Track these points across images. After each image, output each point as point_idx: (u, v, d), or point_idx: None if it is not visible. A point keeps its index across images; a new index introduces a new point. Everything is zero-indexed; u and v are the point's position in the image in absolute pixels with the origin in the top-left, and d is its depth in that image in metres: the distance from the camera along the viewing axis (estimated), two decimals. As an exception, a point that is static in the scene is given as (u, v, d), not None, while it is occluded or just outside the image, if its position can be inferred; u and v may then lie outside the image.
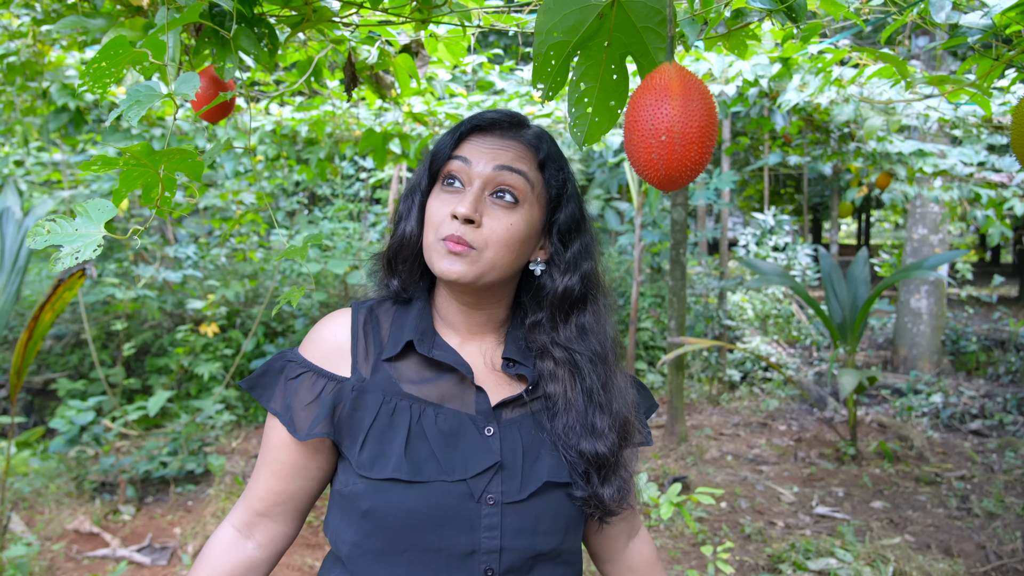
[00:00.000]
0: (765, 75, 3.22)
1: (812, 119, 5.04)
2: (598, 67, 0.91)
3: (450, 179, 1.06)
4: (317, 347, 1.09)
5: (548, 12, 0.87)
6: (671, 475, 4.71)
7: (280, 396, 1.07)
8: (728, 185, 6.72)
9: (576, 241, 1.12)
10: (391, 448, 1.00)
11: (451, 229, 1.02)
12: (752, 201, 15.88)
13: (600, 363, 1.11)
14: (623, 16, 0.88)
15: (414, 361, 1.08)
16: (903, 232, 8.43)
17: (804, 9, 1.35)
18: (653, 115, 0.77)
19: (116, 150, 0.90)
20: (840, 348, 5.69)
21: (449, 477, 0.99)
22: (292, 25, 1.54)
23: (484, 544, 0.99)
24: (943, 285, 7.97)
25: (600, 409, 1.08)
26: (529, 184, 1.06)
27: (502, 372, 1.11)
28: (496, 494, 1.00)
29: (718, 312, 7.98)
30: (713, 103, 0.80)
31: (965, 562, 3.66)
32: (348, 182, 7.29)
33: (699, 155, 0.78)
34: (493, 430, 1.04)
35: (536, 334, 1.12)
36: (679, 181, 0.79)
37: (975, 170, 5.23)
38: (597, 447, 1.05)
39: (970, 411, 6.40)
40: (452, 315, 1.12)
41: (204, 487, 4.54)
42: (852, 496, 4.62)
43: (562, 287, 1.10)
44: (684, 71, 0.80)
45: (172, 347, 5.71)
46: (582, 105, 0.93)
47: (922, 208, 7.80)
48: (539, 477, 1.03)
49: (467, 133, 1.08)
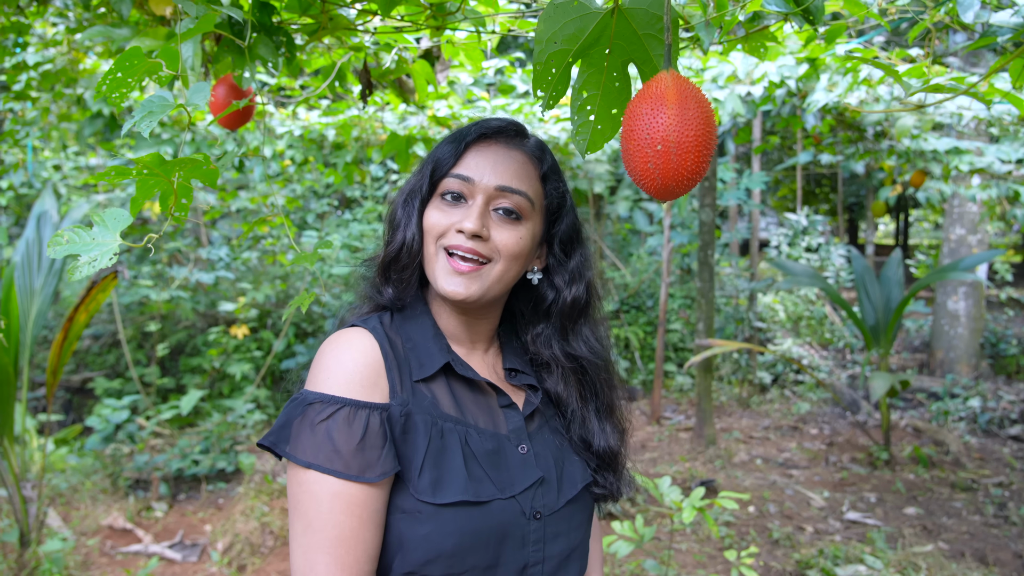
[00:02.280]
0: (792, 76, 3.18)
1: (844, 117, 4.97)
2: (600, 75, 0.92)
3: (453, 195, 1.06)
4: (345, 377, 0.97)
5: (548, 20, 0.88)
6: (698, 478, 4.67)
7: (311, 445, 0.93)
8: (759, 185, 6.65)
9: (577, 251, 1.14)
10: (451, 471, 0.97)
11: (458, 240, 1.02)
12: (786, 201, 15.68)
13: (605, 366, 1.16)
14: (624, 24, 0.88)
15: (442, 381, 1.05)
16: (942, 232, 8.27)
17: (821, 11, 1.33)
18: (649, 124, 0.77)
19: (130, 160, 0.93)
20: (873, 351, 5.59)
21: (503, 495, 0.99)
22: (310, 33, 1.56)
23: (532, 557, 1.01)
24: (981, 287, 7.78)
25: (609, 410, 1.15)
26: (530, 202, 1.07)
27: (507, 383, 1.13)
28: (541, 508, 1.02)
29: (748, 314, 7.89)
30: (711, 111, 0.79)
31: (1001, 571, 3.57)
32: (377, 184, 7.36)
33: (696, 164, 0.78)
34: (527, 448, 1.06)
35: (541, 346, 1.14)
36: (676, 191, 0.79)
37: (1014, 168, 5.11)
38: (609, 444, 1.12)
39: (1009, 416, 6.25)
40: (452, 326, 1.11)
41: (234, 485, 4.62)
42: (884, 502, 4.54)
43: (571, 297, 1.12)
44: (681, 79, 0.80)
45: (205, 347, 5.82)
46: (584, 113, 0.93)
47: (960, 207, 7.63)
48: (574, 484, 1.07)
49: (472, 142, 1.08)
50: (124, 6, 1.70)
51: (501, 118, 1.13)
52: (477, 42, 1.78)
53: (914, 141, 4.72)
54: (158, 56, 1.08)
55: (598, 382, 1.15)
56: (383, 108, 3.59)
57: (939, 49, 4.80)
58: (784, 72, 3.07)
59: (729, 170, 6.97)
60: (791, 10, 1.28)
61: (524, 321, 1.17)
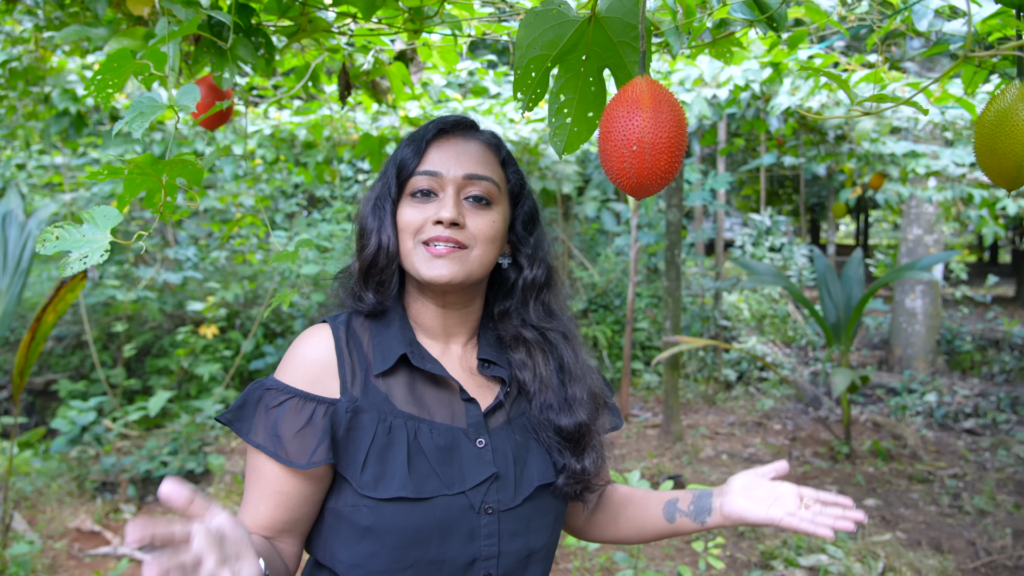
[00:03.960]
0: (756, 79, 3.27)
1: (806, 121, 5.09)
2: (577, 79, 0.96)
3: (423, 192, 1.09)
4: (299, 369, 1.05)
5: (528, 27, 0.92)
6: (666, 473, 4.76)
7: (262, 427, 1.02)
8: (723, 186, 6.77)
9: (536, 231, 1.19)
10: (393, 467, 1.00)
11: (436, 232, 1.05)
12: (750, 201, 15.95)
13: (571, 338, 1.19)
14: (600, 31, 0.93)
15: (403, 375, 1.08)
16: (900, 233, 8.50)
17: (785, 19, 1.39)
18: (625, 126, 0.82)
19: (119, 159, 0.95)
20: (834, 348, 5.73)
21: (450, 491, 1.01)
22: (289, 35, 1.59)
23: (484, 552, 1.02)
24: (937, 285, 8.02)
25: (573, 380, 1.15)
26: (497, 186, 1.11)
27: (479, 374, 1.14)
28: (493, 503, 1.04)
29: (714, 312, 8.03)
30: (683, 115, 0.85)
31: (955, 558, 3.71)
32: (346, 184, 7.34)
33: (669, 164, 0.83)
34: (485, 442, 1.07)
35: (506, 322, 1.17)
36: (650, 189, 0.84)
37: (967, 171, 5.28)
38: (575, 418, 1.11)
39: (964, 410, 6.45)
40: (428, 320, 1.13)
41: (204, 486, 4.59)
42: (845, 494, 4.66)
43: (531, 276, 1.17)
44: (655, 84, 0.85)
45: (172, 348, 5.76)
46: (562, 116, 0.98)
47: (917, 209, 7.85)
48: (531, 482, 1.08)
49: (432, 139, 1.11)
50: (100, 5, 1.70)
51: (452, 115, 1.17)
52: (453, 45, 1.82)
53: (873, 145, 4.86)
54: (145, 57, 1.10)
55: (564, 352, 1.17)
56: (354, 108, 3.61)
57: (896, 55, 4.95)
58: (749, 76, 3.16)
59: (695, 171, 7.09)
60: (756, 17, 1.35)
61: (493, 302, 1.20)
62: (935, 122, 4.13)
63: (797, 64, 3.02)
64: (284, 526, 1.03)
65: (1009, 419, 6.29)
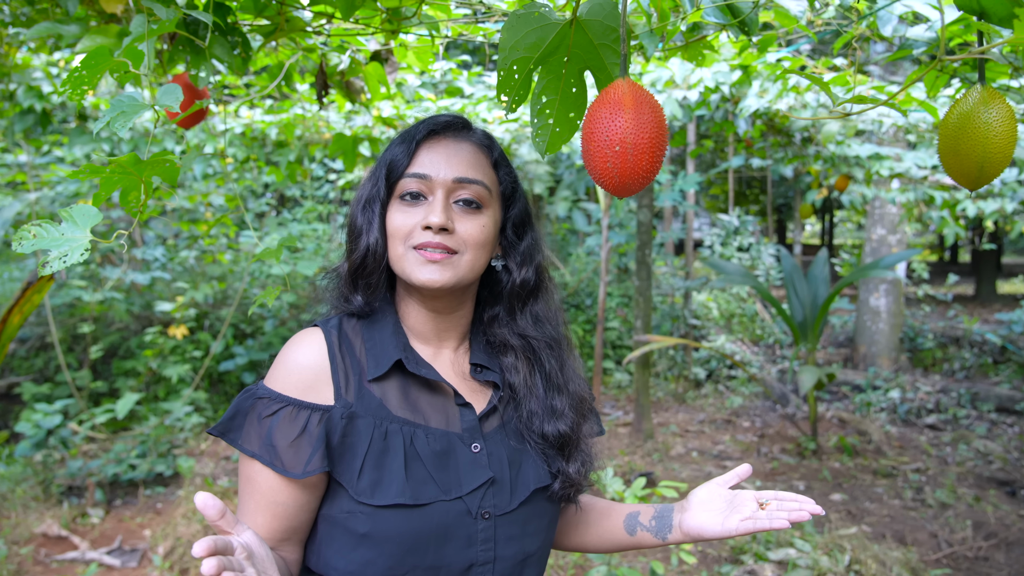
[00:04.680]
0: (726, 82, 3.32)
1: (773, 123, 5.18)
2: (558, 81, 0.98)
3: (412, 194, 1.07)
4: (292, 376, 1.03)
5: (511, 30, 0.94)
6: (637, 471, 4.80)
7: (256, 437, 1.00)
8: (693, 187, 6.85)
9: (528, 234, 1.17)
10: (390, 473, 0.99)
11: (425, 238, 1.04)
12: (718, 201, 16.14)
13: (556, 347, 1.18)
14: (581, 34, 0.95)
15: (397, 380, 1.07)
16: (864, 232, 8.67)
17: (756, 24, 1.43)
18: (608, 127, 0.84)
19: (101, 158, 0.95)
20: (801, 346, 5.84)
21: (447, 496, 1.00)
22: (265, 34, 1.58)
23: (480, 557, 1.02)
24: (900, 284, 8.19)
25: (558, 391, 1.14)
26: (488, 190, 1.09)
27: (472, 379, 1.13)
28: (490, 508, 1.03)
29: (684, 312, 8.12)
30: (663, 116, 0.87)
31: (918, 550, 3.80)
32: (317, 184, 7.29)
33: (650, 163, 0.85)
34: (480, 446, 1.06)
35: (495, 328, 1.16)
36: (632, 188, 0.86)
37: (929, 173, 5.41)
38: (559, 427, 1.11)
39: (926, 406, 6.61)
40: (420, 324, 1.12)
41: (174, 489, 4.54)
42: (812, 489, 4.75)
43: (520, 279, 1.15)
44: (636, 86, 0.87)
45: (140, 349, 5.68)
46: (544, 116, 1.00)
47: (880, 209, 8.01)
48: (527, 486, 1.07)
49: (422, 140, 1.09)
50: (71, 3, 1.69)
51: (447, 114, 1.15)
52: (430, 46, 1.83)
53: (838, 147, 4.96)
54: (123, 56, 1.09)
55: (547, 361, 1.16)
56: (327, 107, 3.59)
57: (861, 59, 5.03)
58: (719, 78, 3.21)
59: (665, 172, 7.17)
60: (729, 21, 1.38)
61: (483, 305, 1.18)
62: (898, 125, 4.23)
63: (768, 67, 3.07)
64: (283, 535, 1.02)
65: (969, 414, 6.46)
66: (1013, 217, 6.00)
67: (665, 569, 3.42)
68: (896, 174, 5.25)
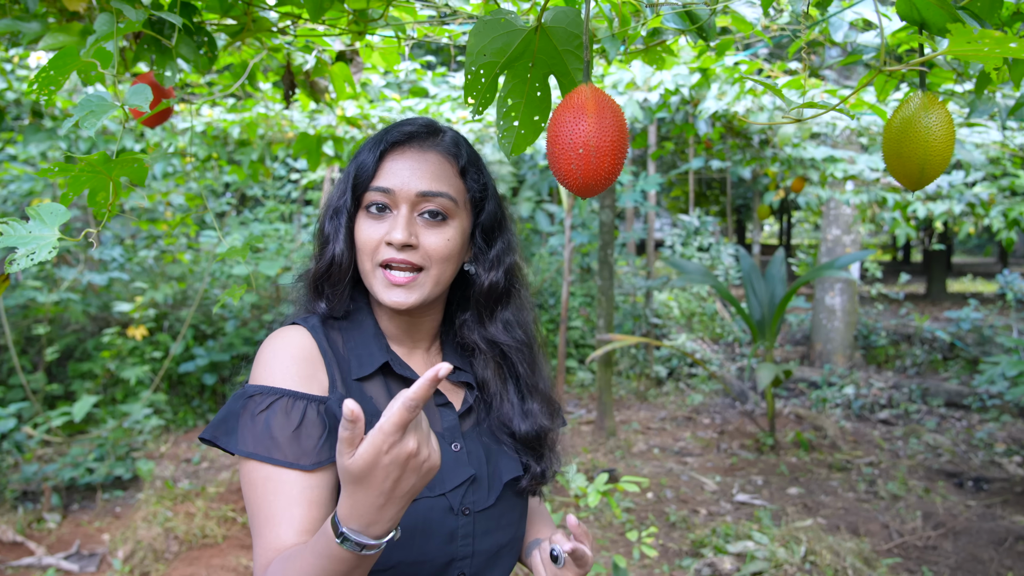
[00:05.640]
0: (685, 84, 3.39)
1: (732, 125, 5.29)
2: (523, 85, 1.02)
3: (378, 206, 1.08)
4: (285, 369, 1.01)
5: (478, 35, 0.97)
6: (600, 468, 4.87)
7: (250, 435, 0.97)
8: (654, 187, 6.95)
9: (499, 238, 1.18)
10: None
11: (390, 254, 1.05)
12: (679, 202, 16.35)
13: (527, 350, 1.19)
14: (546, 40, 0.99)
15: (379, 381, 1.08)
16: (820, 233, 8.88)
17: (714, 29, 1.48)
18: (572, 131, 0.88)
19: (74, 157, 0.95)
20: (759, 344, 5.96)
21: (431, 493, 1.02)
22: (232, 34, 1.59)
23: (461, 551, 1.04)
24: (855, 283, 8.41)
25: (530, 392, 1.17)
26: (453, 200, 1.09)
27: (446, 380, 1.15)
28: (470, 504, 1.06)
29: (645, 311, 8.23)
30: (624, 120, 0.91)
31: (871, 541, 3.92)
32: (279, 183, 7.23)
33: (612, 165, 0.89)
34: (460, 445, 1.08)
35: (465, 332, 1.18)
36: (595, 188, 0.90)
37: (881, 175, 5.57)
38: (531, 427, 1.14)
39: (879, 401, 6.79)
40: (392, 327, 1.13)
41: (133, 492, 4.47)
42: (770, 484, 4.86)
43: (487, 283, 1.15)
44: (599, 92, 0.91)
45: (97, 351, 5.57)
46: (509, 119, 1.03)
47: (835, 210, 8.21)
48: (500, 480, 1.10)
49: (387, 151, 1.10)
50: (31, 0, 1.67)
51: (413, 120, 1.14)
52: (396, 47, 1.85)
53: (795, 149, 5.08)
54: (92, 56, 1.10)
55: (519, 365, 1.17)
56: (289, 107, 3.58)
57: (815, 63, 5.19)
58: (678, 80, 3.28)
59: (627, 173, 7.26)
60: (688, 27, 1.43)
61: (454, 308, 1.20)
62: (851, 128, 4.36)
63: (726, 70, 3.15)
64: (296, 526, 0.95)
65: (920, 409, 6.66)
66: (961, 218, 6.21)
67: (627, 562, 3.47)
68: (850, 176, 5.40)
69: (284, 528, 0.93)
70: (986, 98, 1.94)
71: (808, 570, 3.46)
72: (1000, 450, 5.48)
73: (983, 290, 15.38)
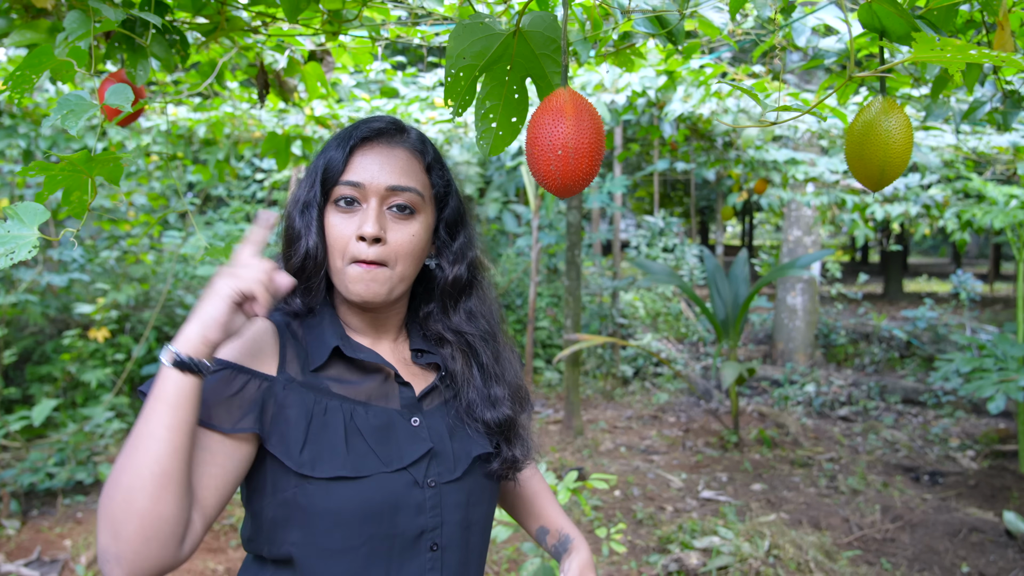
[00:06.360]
0: (652, 86, 3.44)
1: (697, 128, 5.37)
2: (501, 87, 1.04)
3: (347, 200, 1.10)
4: (237, 345, 1.04)
5: (458, 38, 0.99)
6: (568, 467, 4.91)
7: None
8: (620, 189, 7.02)
9: (461, 233, 1.22)
10: (331, 447, 1.02)
11: (360, 250, 1.07)
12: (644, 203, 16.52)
13: (491, 339, 1.24)
14: (523, 44, 1.01)
15: (337, 369, 1.10)
16: (781, 234, 9.05)
17: (683, 34, 1.52)
18: (551, 133, 0.91)
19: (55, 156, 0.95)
20: (724, 343, 6.06)
21: (387, 468, 1.04)
22: (205, 33, 1.59)
23: (429, 523, 1.07)
24: (815, 283, 8.58)
25: (496, 380, 1.21)
26: (420, 196, 1.13)
27: (414, 364, 1.19)
28: (435, 476, 1.08)
29: (611, 311, 8.31)
30: (601, 122, 0.94)
31: (832, 534, 4.02)
32: (245, 183, 7.15)
33: (590, 166, 0.92)
34: (419, 420, 1.11)
35: (430, 323, 1.22)
36: (574, 189, 0.93)
37: (841, 177, 5.71)
38: (498, 415, 1.18)
39: (839, 399, 6.95)
40: (357, 321, 1.16)
41: (95, 497, 4.39)
42: (735, 480, 4.95)
43: (452, 276, 1.19)
44: (576, 95, 0.94)
45: (56, 354, 5.46)
46: (487, 120, 1.05)
47: (796, 212, 8.38)
48: (468, 454, 1.13)
49: (356, 146, 1.12)
50: (-5, -5, 1.65)
51: (380, 117, 1.17)
52: (369, 47, 1.86)
53: (758, 152, 5.18)
54: (68, 55, 1.10)
55: (483, 354, 1.21)
56: (256, 106, 3.55)
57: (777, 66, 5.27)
58: (645, 83, 3.32)
59: (593, 174, 7.30)
60: (658, 31, 1.46)
61: (419, 302, 1.23)
62: (812, 130, 4.46)
63: (691, 73, 3.20)
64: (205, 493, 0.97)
65: (878, 406, 6.83)
66: (917, 220, 6.38)
67: (596, 559, 3.51)
68: (811, 178, 5.53)
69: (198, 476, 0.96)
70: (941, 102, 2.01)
71: (772, 564, 3.53)
72: (954, 445, 5.64)
73: (938, 290, 15.81)
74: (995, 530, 3.98)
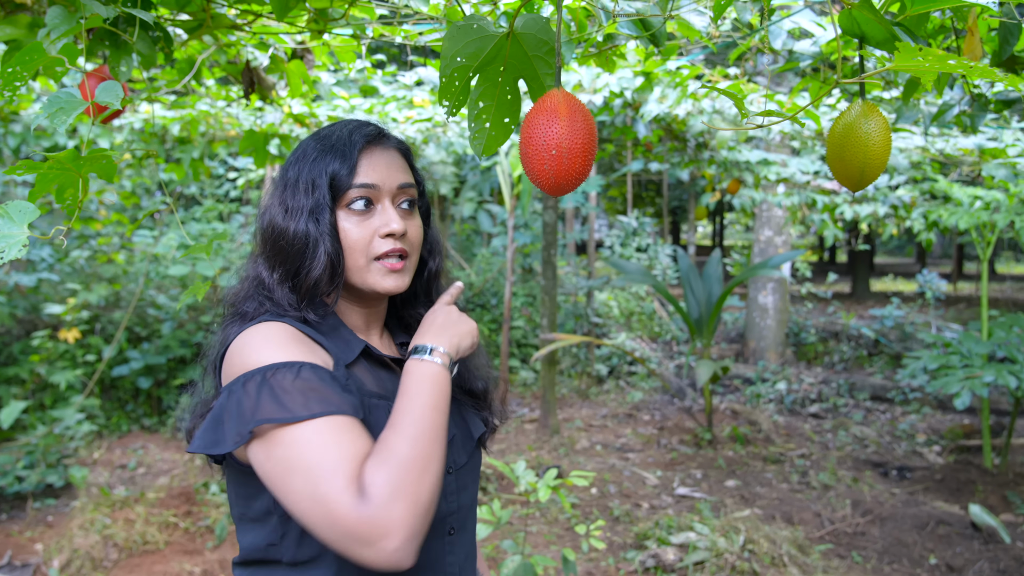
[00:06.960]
0: (629, 87, 3.48)
1: (671, 129, 5.43)
2: (495, 88, 1.06)
3: (366, 201, 1.11)
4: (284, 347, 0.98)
5: (452, 40, 1.01)
6: (545, 466, 4.93)
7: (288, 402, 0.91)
8: (595, 189, 7.07)
9: (432, 225, 1.28)
10: None
11: (388, 246, 1.10)
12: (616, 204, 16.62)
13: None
14: (517, 46, 1.03)
15: (362, 366, 1.12)
16: (752, 234, 9.17)
17: (665, 36, 1.55)
18: (545, 133, 0.92)
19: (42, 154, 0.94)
20: (697, 342, 6.13)
21: None
22: (189, 30, 1.58)
23: (450, 508, 1.12)
24: (786, 283, 8.71)
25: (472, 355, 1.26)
26: (417, 190, 1.20)
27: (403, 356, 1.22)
28: (451, 463, 1.14)
29: (586, 310, 8.35)
30: (594, 122, 0.96)
31: (804, 529, 4.09)
32: (217, 182, 7.07)
33: (583, 166, 0.94)
34: None
35: (408, 309, 1.27)
36: (567, 188, 0.95)
37: (811, 178, 5.80)
38: (482, 383, 1.25)
39: (809, 396, 7.06)
40: (354, 318, 1.18)
41: (66, 500, 4.33)
42: (709, 477, 5.01)
43: (435, 267, 1.27)
44: (570, 96, 0.96)
45: (24, 355, 5.37)
46: (481, 121, 1.07)
47: (768, 212, 8.49)
48: (472, 438, 1.20)
49: (361, 150, 1.12)
50: (-27, -10, 1.63)
51: (362, 121, 1.19)
52: (354, 46, 1.87)
53: (731, 152, 5.25)
54: (59, 52, 1.09)
55: None
56: (231, 104, 3.53)
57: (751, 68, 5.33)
58: (623, 84, 3.36)
59: (568, 174, 7.34)
60: (641, 34, 1.49)
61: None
62: (784, 132, 4.53)
63: (668, 74, 3.24)
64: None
65: (847, 403, 6.95)
66: (884, 220, 6.50)
67: (575, 555, 3.54)
68: (782, 179, 5.61)
69: (361, 444, 0.90)
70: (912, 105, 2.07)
71: (747, 558, 3.59)
72: (921, 440, 5.77)
73: (904, 289, 16.12)
74: (961, 523, 4.09)
